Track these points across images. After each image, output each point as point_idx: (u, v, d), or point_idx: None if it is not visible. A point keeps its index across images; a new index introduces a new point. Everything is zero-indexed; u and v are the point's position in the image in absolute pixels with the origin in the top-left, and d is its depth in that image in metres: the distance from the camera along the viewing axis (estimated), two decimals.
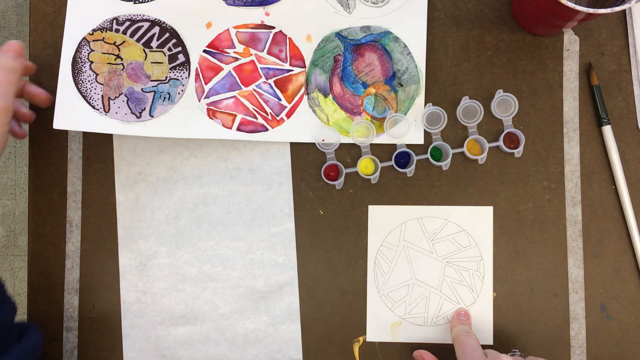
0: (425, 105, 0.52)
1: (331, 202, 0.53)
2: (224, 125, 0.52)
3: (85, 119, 0.51)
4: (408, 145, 0.53)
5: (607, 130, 0.51)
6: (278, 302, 0.53)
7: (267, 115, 0.52)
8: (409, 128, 0.52)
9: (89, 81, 0.51)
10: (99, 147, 0.55)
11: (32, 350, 0.45)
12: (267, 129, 0.52)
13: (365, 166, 0.52)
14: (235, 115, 0.52)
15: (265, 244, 0.54)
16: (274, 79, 0.52)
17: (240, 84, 0.52)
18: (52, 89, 0.53)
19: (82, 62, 0.52)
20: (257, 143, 0.54)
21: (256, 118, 0.52)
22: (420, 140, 0.52)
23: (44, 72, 0.54)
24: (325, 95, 0.52)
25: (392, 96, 0.51)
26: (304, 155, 0.53)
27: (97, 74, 0.52)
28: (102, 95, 0.51)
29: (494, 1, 0.53)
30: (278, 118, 0.52)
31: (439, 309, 0.52)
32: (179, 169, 0.54)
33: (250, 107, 0.52)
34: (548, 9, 0.45)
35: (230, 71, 0.52)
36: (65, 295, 0.54)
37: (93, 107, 0.51)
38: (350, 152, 0.53)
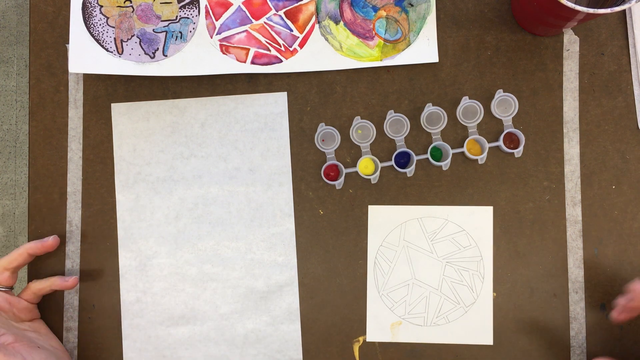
0: (426, 106, 0.52)
1: (331, 202, 0.53)
2: (237, 60, 0.52)
3: (99, 61, 0.51)
4: (408, 142, 0.53)
5: None
6: (278, 302, 0.53)
7: (280, 47, 0.52)
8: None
9: (100, 25, 0.52)
10: (99, 147, 0.55)
11: None
12: (281, 61, 0.52)
13: (365, 166, 0.52)
14: (249, 49, 0.52)
15: (265, 244, 0.54)
16: (284, 10, 0.52)
17: (250, 17, 0.52)
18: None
19: (92, 6, 0.52)
20: (257, 143, 0.54)
21: (269, 50, 0.52)
22: (435, 58, 0.52)
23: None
24: (337, 22, 0.52)
25: (404, 17, 0.51)
26: (304, 155, 0.53)
27: (107, 17, 0.52)
28: (114, 38, 0.52)
29: (494, 1, 0.53)
30: (291, 49, 0.52)
31: (439, 309, 0.52)
32: (179, 169, 0.54)
33: (263, 40, 0.52)
34: (548, 9, 0.45)
35: (239, 6, 0.52)
36: (65, 295, 0.54)
37: (106, 49, 0.51)
38: (350, 152, 0.53)
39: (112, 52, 0.51)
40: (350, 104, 0.53)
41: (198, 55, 0.52)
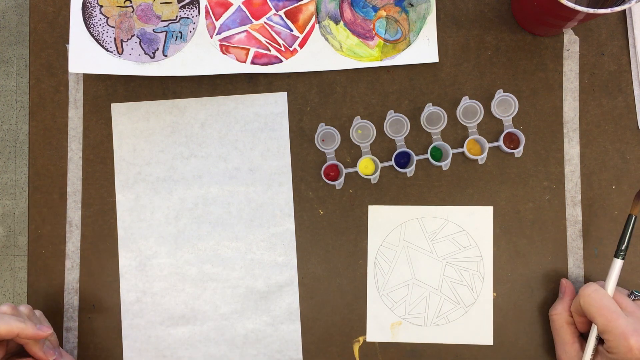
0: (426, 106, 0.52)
1: (331, 202, 0.53)
2: (237, 60, 0.52)
3: (99, 61, 0.51)
4: (408, 142, 0.53)
5: (618, 263, 0.47)
6: (278, 302, 0.53)
7: (280, 47, 0.52)
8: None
9: (100, 25, 0.52)
10: (99, 147, 0.55)
11: None
12: (281, 61, 0.52)
13: (365, 166, 0.52)
14: (249, 49, 0.52)
15: (265, 244, 0.54)
16: (284, 10, 0.52)
17: (250, 17, 0.52)
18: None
19: (92, 6, 0.52)
20: (257, 143, 0.54)
21: (269, 50, 0.52)
22: (435, 58, 0.52)
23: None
24: (337, 22, 0.52)
25: (404, 17, 0.51)
26: (304, 155, 0.53)
27: (107, 18, 0.52)
28: (114, 38, 0.52)
29: (494, 1, 0.53)
30: (291, 49, 0.52)
31: (439, 309, 0.52)
32: (179, 169, 0.54)
33: (263, 40, 0.52)
34: (548, 9, 0.45)
35: (239, 6, 0.52)
36: (65, 295, 0.54)
37: (106, 49, 0.51)
38: (350, 152, 0.53)
39: (112, 52, 0.51)
40: (350, 104, 0.53)
41: (198, 55, 0.52)
